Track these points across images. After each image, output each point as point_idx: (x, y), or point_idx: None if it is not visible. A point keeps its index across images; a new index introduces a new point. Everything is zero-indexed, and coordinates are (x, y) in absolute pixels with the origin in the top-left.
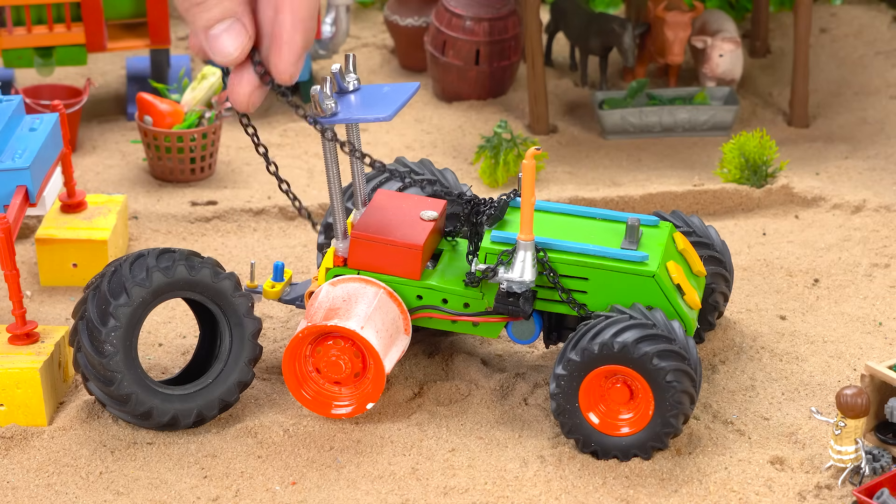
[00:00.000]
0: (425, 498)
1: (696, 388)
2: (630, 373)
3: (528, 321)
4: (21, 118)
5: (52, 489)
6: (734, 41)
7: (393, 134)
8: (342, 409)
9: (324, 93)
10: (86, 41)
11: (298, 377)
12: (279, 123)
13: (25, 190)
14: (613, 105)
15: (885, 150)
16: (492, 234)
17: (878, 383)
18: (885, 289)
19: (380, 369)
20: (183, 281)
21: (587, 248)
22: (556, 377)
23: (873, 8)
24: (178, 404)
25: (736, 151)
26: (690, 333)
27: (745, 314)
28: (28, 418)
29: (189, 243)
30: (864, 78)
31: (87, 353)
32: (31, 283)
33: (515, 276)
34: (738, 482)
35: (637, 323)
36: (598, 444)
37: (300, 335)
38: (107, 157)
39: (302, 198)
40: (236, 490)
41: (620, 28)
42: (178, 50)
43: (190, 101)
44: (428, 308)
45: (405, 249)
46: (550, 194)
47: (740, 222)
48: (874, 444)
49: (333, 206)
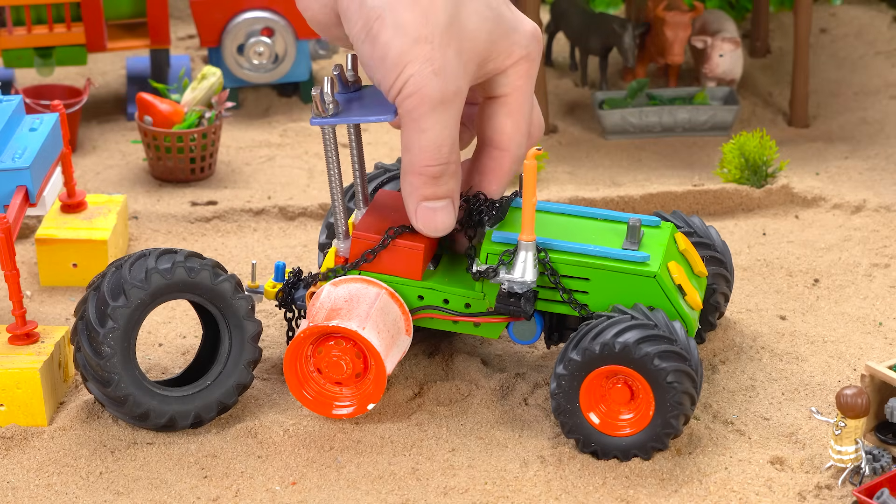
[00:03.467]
0: (425, 498)
1: (696, 388)
2: (631, 373)
3: (530, 321)
4: (21, 118)
5: (52, 489)
6: (734, 41)
7: (393, 134)
8: (343, 410)
9: (325, 93)
10: (86, 41)
11: (300, 377)
12: (279, 123)
13: (25, 190)
14: (613, 105)
15: (885, 150)
16: (493, 235)
17: (878, 383)
18: (885, 289)
19: (381, 370)
20: (182, 283)
21: (588, 249)
22: (557, 377)
23: (873, 8)
24: (175, 406)
25: (736, 151)
26: (692, 334)
27: (745, 314)
28: (28, 418)
29: (189, 243)
30: (864, 78)
31: (86, 353)
32: (31, 283)
33: (517, 277)
34: (738, 482)
35: (638, 323)
36: (598, 444)
37: (301, 335)
38: (107, 157)
39: (302, 198)
40: (236, 490)
41: (620, 28)
42: (178, 50)
43: (190, 101)
44: (429, 308)
45: (407, 250)
46: (550, 194)
47: (740, 222)
48: (874, 444)
49: (335, 205)
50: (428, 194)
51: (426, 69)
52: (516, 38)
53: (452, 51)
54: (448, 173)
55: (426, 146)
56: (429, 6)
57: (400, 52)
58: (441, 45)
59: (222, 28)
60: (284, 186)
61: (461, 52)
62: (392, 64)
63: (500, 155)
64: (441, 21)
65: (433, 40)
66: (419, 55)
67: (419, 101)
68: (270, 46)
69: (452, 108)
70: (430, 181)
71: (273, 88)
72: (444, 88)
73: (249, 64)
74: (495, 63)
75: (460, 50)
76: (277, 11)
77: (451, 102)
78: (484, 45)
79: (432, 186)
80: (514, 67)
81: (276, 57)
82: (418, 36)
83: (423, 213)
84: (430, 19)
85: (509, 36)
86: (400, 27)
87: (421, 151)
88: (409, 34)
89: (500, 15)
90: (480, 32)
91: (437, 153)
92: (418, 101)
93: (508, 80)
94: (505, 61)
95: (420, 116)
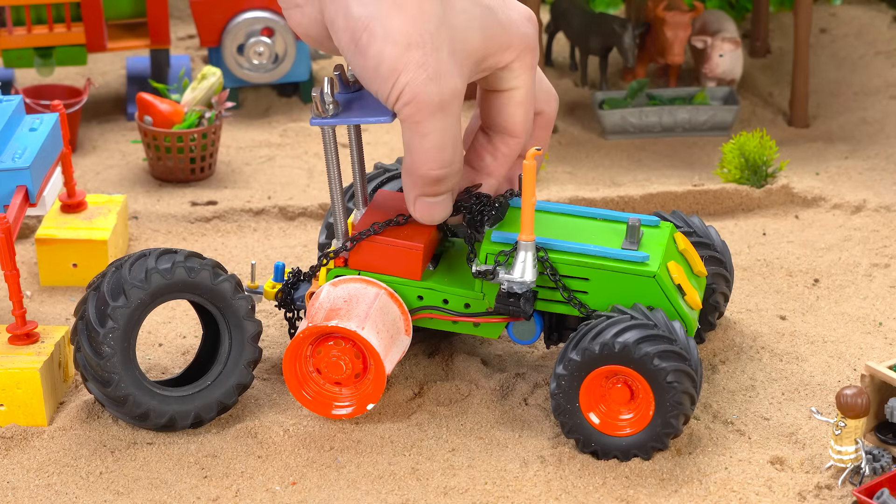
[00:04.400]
0: (425, 498)
1: (696, 388)
2: (631, 373)
3: (529, 321)
4: (21, 118)
5: (52, 489)
6: (734, 41)
7: (393, 134)
8: (343, 410)
9: (325, 94)
10: (86, 41)
11: (299, 378)
12: (279, 123)
13: (25, 190)
14: (613, 105)
15: (885, 150)
16: (492, 235)
17: (878, 383)
18: (885, 289)
19: (380, 370)
20: (182, 283)
21: (588, 249)
22: (557, 377)
23: (873, 8)
24: (175, 406)
25: (736, 151)
26: (691, 334)
27: (745, 314)
28: (28, 418)
29: (189, 243)
30: (864, 78)
31: (86, 353)
32: (31, 283)
33: (516, 277)
34: (738, 482)
35: (638, 323)
36: (598, 444)
37: (301, 335)
38: (107, 157)
39: (302, 198)
40: (236, 490)
41: (620, 28)
42: (178, 50)
43: (190, 101)
44: (429, 308)
45: (406, 250)
46: (550, 194)
47: (740, 222)
48: (874, 444)
49: (335, 206)
50: (428, 192)
51: (420, 76)
52: (513, 30)
53: (445, 52)
54: (451, 174)
55: (428, 150)
56: (416, 11)
57: (392, 61)
58: (433, 49)
59: (222, 28)
60: (284, 186)
61: (454, 53)
62: (386, 73)
63: (514, 142)
64: (430, 24)
65: (424, 45)
66: (412, 62)
67: (417, 108)
68: (270, 46)
69: (451, 109)
70: (432, 182)
71: (273, 88)
72: (440, 92)
73: (249, 64)
74: (495, 58)
75: (453, 51)
76: (277, 11)
77: (450, 105)
78: (478, 43)
79: (433, 187)
80: (518, 61)
81: (276, 57)
82: (409, 42)
83: (422, 206)
84: (418, 24)
85: (506, 29)
86: (389, 36)
87: (423, 155)
88: (398, 42)
89: (490, 9)
90: (472, 31)
91: (440, 157)
92: (416, 108)
93: (514, 74)
94: (504, 55)
95: (420, 122)
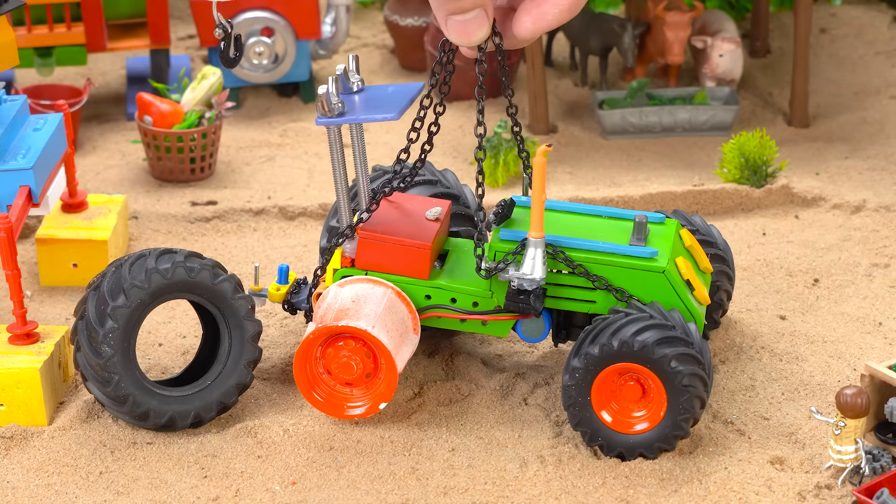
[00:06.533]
0: (425, 498)
1: (707, 392)
2: (646, 372)
3: (538, 319)
4: (25, 118)
5: (52, 489)
6: (734, 41)
7: (393, 134)
8: (356, 410)
9: (331, 93)
10: (86, 41)
11: (310, 380)
12: (279, 123)
13: (28, 190)
14: (613, 105)
15: (885, 150)
16: (500, 233)
17: (878, 383)
18: (885, 289)
19: (392, 368)
20: (182, 283)
21: (596, 245)
22: (572, 369)
23: (873, 8)
24: (175, 405)
25: (736, 151)
26: (700, 329)
27: (745, 314)
28: (28, 418)
29: (189, 243)
30: (864, 78)
31: (86, 353)
32: (32, 283)
33: (526, 274)
34: (738, 482)
35: (657, 323)
36: (605, 440)
37: (311, 337)
38: (107, 157)
39: (302, 198)
40: (236, 490)
41: (620, 28)
42: (178, 50)
43: (190, 101)
44: (437, 307)
45: (413, 249)
46: (550, 194)
47: (740, 222)
48: (874, 444)
49: (341, 206)
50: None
51: None
52: None
53: None
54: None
55: None
56: None
57: None
58: None
59: None
60: (284, 186)
61: None
62: None
63: None
64: None
65: None
66: None
67: None
68: (270, 46)
69: None
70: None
71: (273, 88)
72: None
73: (249, 64)
74: None
75: None
76: (277, 11)
77: None
78: None
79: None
80: None
81: (275, 57)
82: None
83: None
84: None
85: None
86: None
87: None
88: None
89: None
90: None
91: None
92: None
93: None
94: None
95: None
